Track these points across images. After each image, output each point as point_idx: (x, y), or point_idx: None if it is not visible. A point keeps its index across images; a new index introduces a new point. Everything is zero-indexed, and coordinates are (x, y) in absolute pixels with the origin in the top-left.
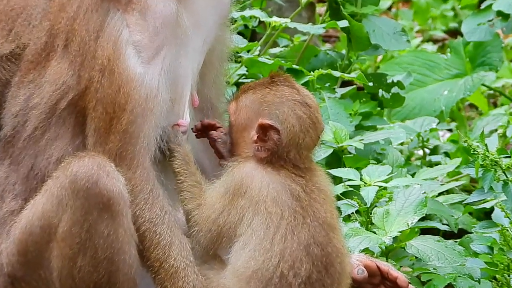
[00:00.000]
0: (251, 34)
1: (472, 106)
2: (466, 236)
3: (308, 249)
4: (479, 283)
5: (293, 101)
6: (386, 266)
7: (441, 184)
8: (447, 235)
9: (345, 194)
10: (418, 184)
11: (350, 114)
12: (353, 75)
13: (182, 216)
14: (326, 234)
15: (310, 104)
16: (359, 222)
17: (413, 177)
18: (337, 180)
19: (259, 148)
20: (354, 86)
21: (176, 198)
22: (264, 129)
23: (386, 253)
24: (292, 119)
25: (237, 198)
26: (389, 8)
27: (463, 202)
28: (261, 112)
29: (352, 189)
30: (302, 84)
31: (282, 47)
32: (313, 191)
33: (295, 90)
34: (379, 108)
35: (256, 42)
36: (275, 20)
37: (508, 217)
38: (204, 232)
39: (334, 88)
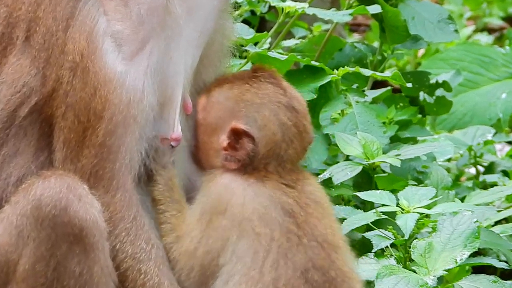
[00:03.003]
0: (259, 22)
1: None
2: None
3: (307, 275)
4: None
5: (277, 103)
6: None
7: (498, 211)
8: (505, 275)
9: (377, 223)
10: (469, 210)
11: (384, 122)
12: (387, 73)
13: None
14: (327, 256)
15: (297, 109)
16: (395, 258)
17: (462, 201)
18: (367, 205)
19: (228, 157)
20: (389, 87)
21: None
22: (236, 135)
23: None
24: (274, 126)
25: (216, 218)
26: None
27: None
28: (236, 113)
29: (386, 216)
30: (324, 86)
31: (298, 38)
32: (308, 205)
33: (281, 90)
34: (420, 115)
35: (265, 32)
36: (290, 4)
37: None
38: (186, 271)
39: (364, 90)
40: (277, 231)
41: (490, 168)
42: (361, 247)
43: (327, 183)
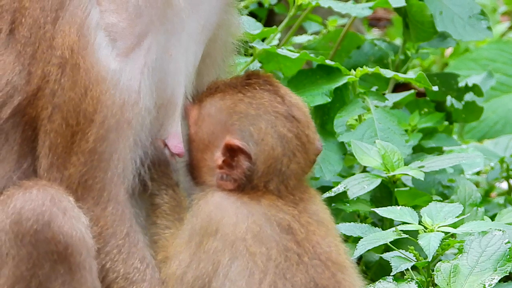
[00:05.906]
0: (267, 15)
1: None
2: None
3: None
4: None
5: (274, 113)
6: None
7: None
8: None
9: (397, 243)
10: (500, 230)
11: (406, 130)
12: (410, 75)
13: None
14: (332, 275)
15: (298, 118)
16: (416, 282)
17: (493, 220)
18: (386, 223)
19: (224, 176)
20: (412, 91)
21: None
22: (232, 152)
23: None
24: (272, 139)
25: (207, 240)
26: None
27: None
28: (229, 127)
29: (407, 235)
30: (339, 88)
31: (311, 34)
32: (310, 223)
33: (279, 98)
34: (446, 123)
35: (274, 27)
36: None
37: None
38: None
39: (384, 94)
40: (274, 250)
41: None
42: (379, 269)
43: (342, 198)
